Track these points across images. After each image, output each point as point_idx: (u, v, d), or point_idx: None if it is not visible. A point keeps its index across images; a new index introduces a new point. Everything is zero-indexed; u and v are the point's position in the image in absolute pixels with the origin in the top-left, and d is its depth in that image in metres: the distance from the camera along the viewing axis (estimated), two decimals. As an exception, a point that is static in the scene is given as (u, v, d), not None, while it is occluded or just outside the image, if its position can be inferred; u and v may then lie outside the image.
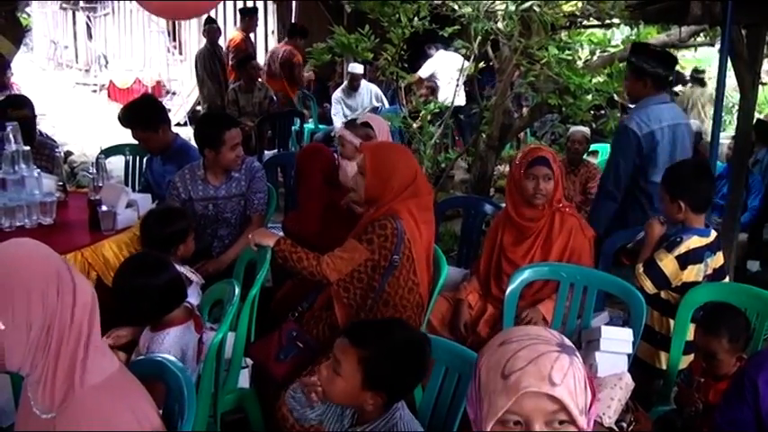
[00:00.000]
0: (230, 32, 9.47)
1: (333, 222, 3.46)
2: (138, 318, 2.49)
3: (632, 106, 4.06)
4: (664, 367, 2.99)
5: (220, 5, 10.64)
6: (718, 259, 3.05)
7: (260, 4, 11.67)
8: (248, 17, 9.03)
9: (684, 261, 2.92)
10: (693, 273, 2.94)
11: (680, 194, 3.00)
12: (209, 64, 8.45)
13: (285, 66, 8.35)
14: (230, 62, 8.52)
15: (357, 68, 7.83)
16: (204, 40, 9.05)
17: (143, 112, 3.98)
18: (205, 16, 9.30)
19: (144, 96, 4.26)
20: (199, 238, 3.49)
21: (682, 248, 2.93)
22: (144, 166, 4.43)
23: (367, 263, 2.79)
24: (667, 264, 2.93)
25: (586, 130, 5.62)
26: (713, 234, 3.05)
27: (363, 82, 8.06)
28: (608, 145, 7.03)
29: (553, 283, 3.08)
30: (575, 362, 1.20)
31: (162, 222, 2.96)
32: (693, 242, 2.94)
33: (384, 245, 2.75)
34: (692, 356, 2.81)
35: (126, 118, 4.00)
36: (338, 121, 7.72)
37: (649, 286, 2.94)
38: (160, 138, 3.95)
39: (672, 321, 2.95)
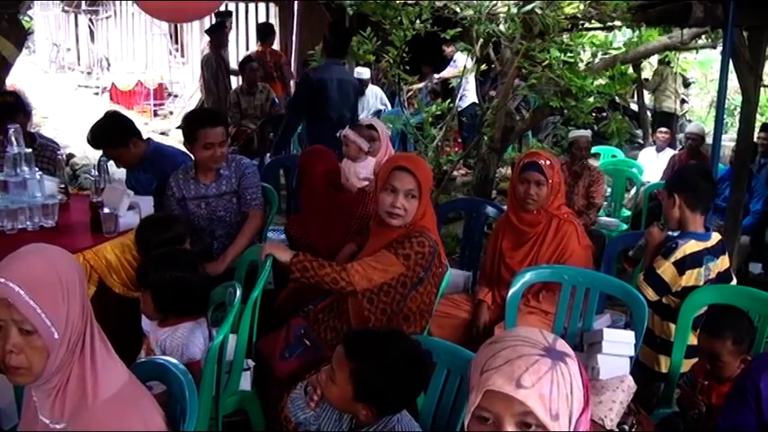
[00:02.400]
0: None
1: (336, 225, 3.46)
2: (174, 310, 2.53)
3: (634, 107, 4.13)
4: (663, 371, 2.98)
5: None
6: (722, 263, 3.03)
7: (262, 7, 11.69)
8: (215, 34, 8.47)
9: (682, 266, 2.92)
10: (693, 277, 2.93)
11: (677, 188, 3.02)
12: (215, 68, 8.41)
13: (278, 69, 8.30)
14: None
15: (364, 73, 7.81)
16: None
17: (110, 130, 3.87)
18: (207, 19, 9.27)
19: (107, 114, 4.09)
20: (198, 240, 3.50)
21: (678, 254, 2.92)
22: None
23: (399, 278, 2.67)
24: (665, 270, 2.93)
25: (588, 133, 5.62)
26: (714, 237, 3.03)
27: (369, 85, 8.08)
28: (610, 147, 7.07)
29: (555, 285, 3.08)
30: (559, 368, 1.19)
31: (158, 228, 2.95)
32: (690, 246, 2.93)
33: (420, 262, 2.65)
34: (693, 360, 2.81)
35: (94, 140, 3.91)
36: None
37: (651, 294, 2.93)
38: (132, 152, 3.87)
39: (672, 325, 2.96)
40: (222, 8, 8.87)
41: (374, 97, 8.14)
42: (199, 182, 3.60)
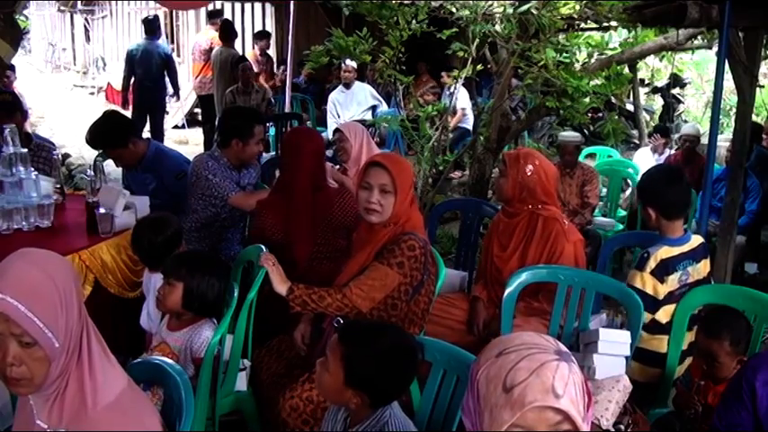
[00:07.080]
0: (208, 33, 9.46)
1: (320, 206, 3.28)
2: (199, 310, 2.63)
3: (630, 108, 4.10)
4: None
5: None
6: (702, 267, 2.97)
7: (258, 7, 11.68)
8: (223, 31, 8.75)
9: (659, 273, 2.88)
10: (668, 282, 2.91)
11: (648, 200, 2.98)
12: (225, 65, 8.37)
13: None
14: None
15: (349, 62, 7.65)
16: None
17: (109, 131, 3.88)
18: (204, 19, 9.25)
19: (106, 114, 4.06)
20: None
21: (651, 263, 2.88)
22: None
23: (400, 287, 2.59)
24: (645, 283, 2.89)
25: (577, 135, 5.61)
26: (694, 241, 2.98)
27: (357, 82, 8.02)
28: (606, 147, 7.08)
29: (552, 285, 3.08)
30: (573, 368, 1.20)
31: (155, 229, 2.93)
32: (662, 253, 2.90)
33: (414, 266, 2.58)
34: (684, 364, 2.81)
35: (94, 140, 3.92)
36: (330, 123, 7.69)
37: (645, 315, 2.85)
38: (132, 152, 3.89)
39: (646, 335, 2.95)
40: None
41: (363, 92, 8.05)
42: (240, 174, 3.77)
